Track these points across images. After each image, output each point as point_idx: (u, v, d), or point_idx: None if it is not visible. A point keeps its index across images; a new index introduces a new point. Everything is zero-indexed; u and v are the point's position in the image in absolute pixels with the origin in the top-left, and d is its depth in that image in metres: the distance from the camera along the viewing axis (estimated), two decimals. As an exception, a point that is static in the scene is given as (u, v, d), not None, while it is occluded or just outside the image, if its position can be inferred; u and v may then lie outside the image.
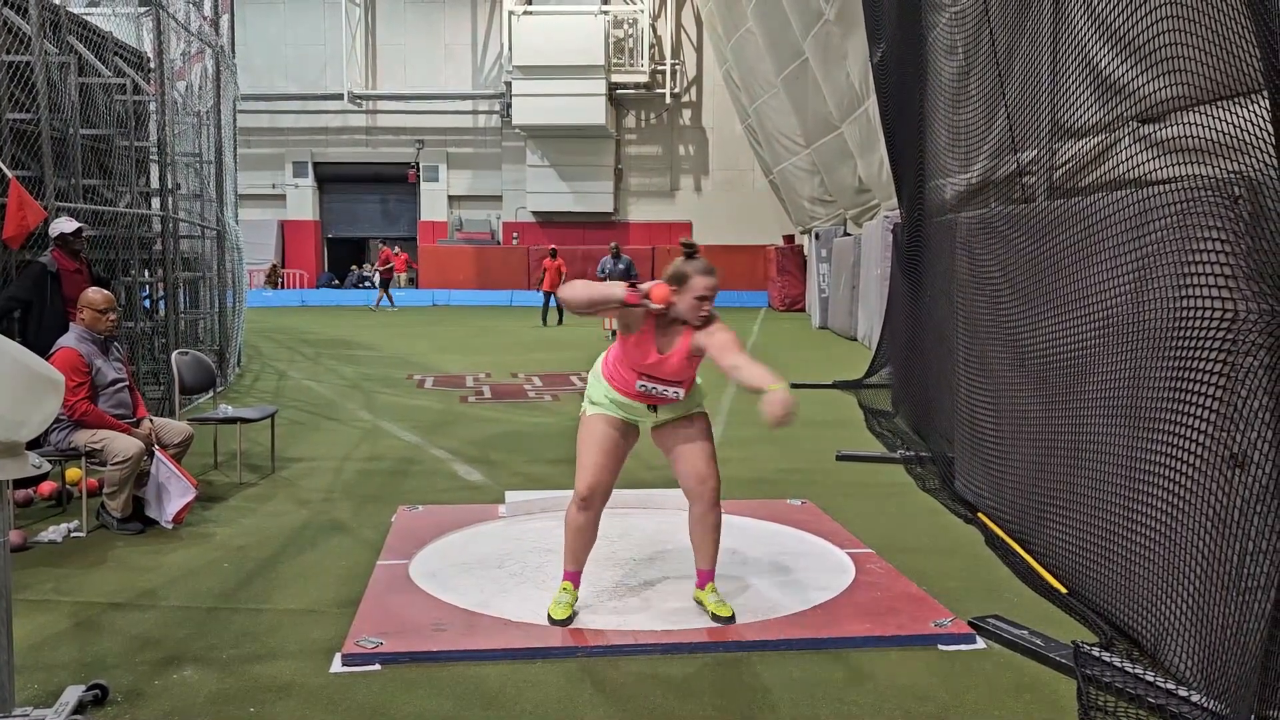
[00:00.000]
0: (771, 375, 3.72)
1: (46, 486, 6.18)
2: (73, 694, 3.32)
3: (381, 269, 27.92)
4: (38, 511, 5.99)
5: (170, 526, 5.53)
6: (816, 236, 23.02)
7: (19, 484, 5.83)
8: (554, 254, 22.56)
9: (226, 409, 7.29)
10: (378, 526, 5.64)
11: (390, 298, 27.29)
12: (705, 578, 4.29)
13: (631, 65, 31.29)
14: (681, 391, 4.16)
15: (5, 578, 3.13)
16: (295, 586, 4.67)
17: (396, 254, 28.88)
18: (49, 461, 3.66)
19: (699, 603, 4.28)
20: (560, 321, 21.88)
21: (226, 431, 7.48)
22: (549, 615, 4.16)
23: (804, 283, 26.53)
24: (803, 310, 26.44)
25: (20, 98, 7.60)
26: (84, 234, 7.25)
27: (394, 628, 4.01)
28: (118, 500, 5.50)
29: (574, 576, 4.26)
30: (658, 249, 31.33)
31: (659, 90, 31.66)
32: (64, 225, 7.07)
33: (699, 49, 32.21)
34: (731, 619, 4.10)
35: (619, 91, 31.32)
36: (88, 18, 9.55)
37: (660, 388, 4.11)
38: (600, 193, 31.97)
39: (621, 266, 19.20)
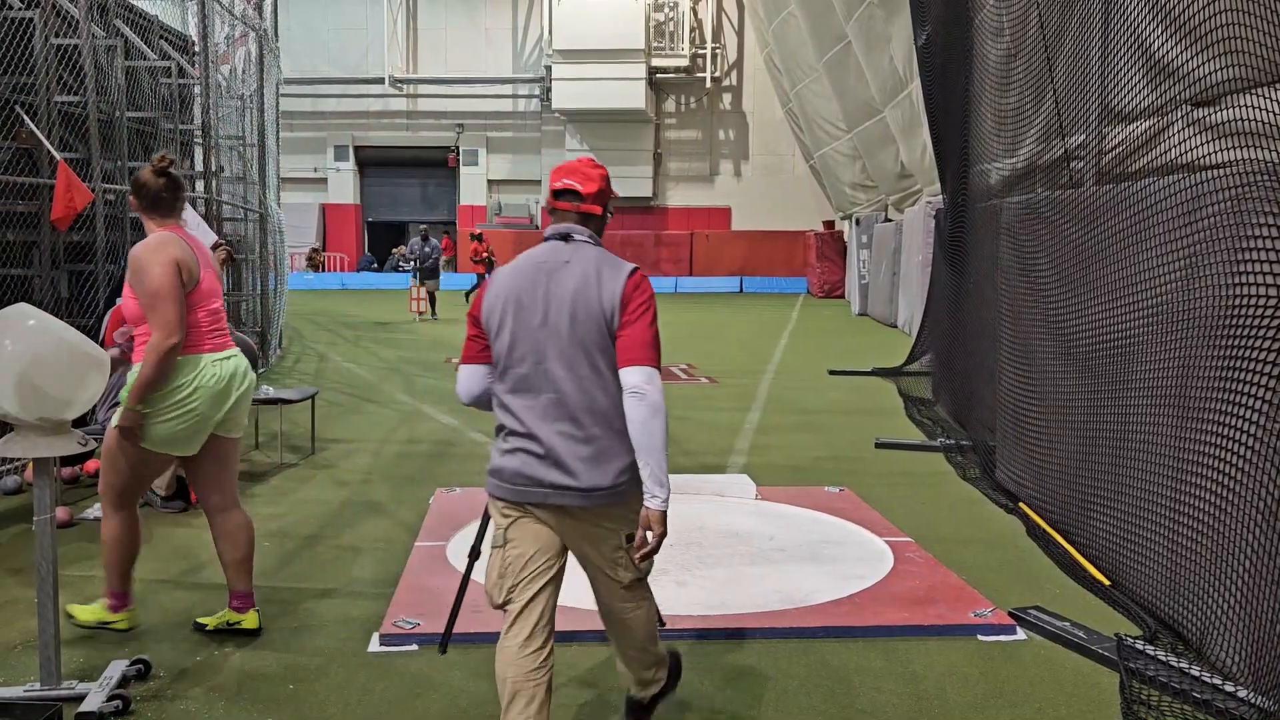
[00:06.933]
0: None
1: (92, 464, 6.28)
2: (116, 668, 3.38)
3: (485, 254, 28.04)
4: (83, 489, 6.09)
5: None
6: (857, 222, 22.82)
7: (65, 461, 5.93)
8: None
9: (268, 390, 7.36)
10: (416, 508, 5.68)
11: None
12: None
13: (672, 49, 31.09)
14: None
15: (51, 554, 3.19)
16: (334, 566, 4.71)
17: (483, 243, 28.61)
18: (95, 439, 3.71)
19: None
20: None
21: (268, 412, 7.55)
22: None
23: (844, 269, 26.32)
24: (842, 297, 26.24)
25: (68, 80, 7.70)
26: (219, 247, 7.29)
27: (431, 608, 4.03)
28: (162, 478, 5.57)
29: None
30: (696, 234, 31.23)
31: (699, 74, 31.46)
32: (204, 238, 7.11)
33: (740, 33, 31.96)
34: None
35: (659, 76, 31.17)
36: (134, 2, 9.65)
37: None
38: (639, 177, 31.87)
39: (429, 249, 19.20)
